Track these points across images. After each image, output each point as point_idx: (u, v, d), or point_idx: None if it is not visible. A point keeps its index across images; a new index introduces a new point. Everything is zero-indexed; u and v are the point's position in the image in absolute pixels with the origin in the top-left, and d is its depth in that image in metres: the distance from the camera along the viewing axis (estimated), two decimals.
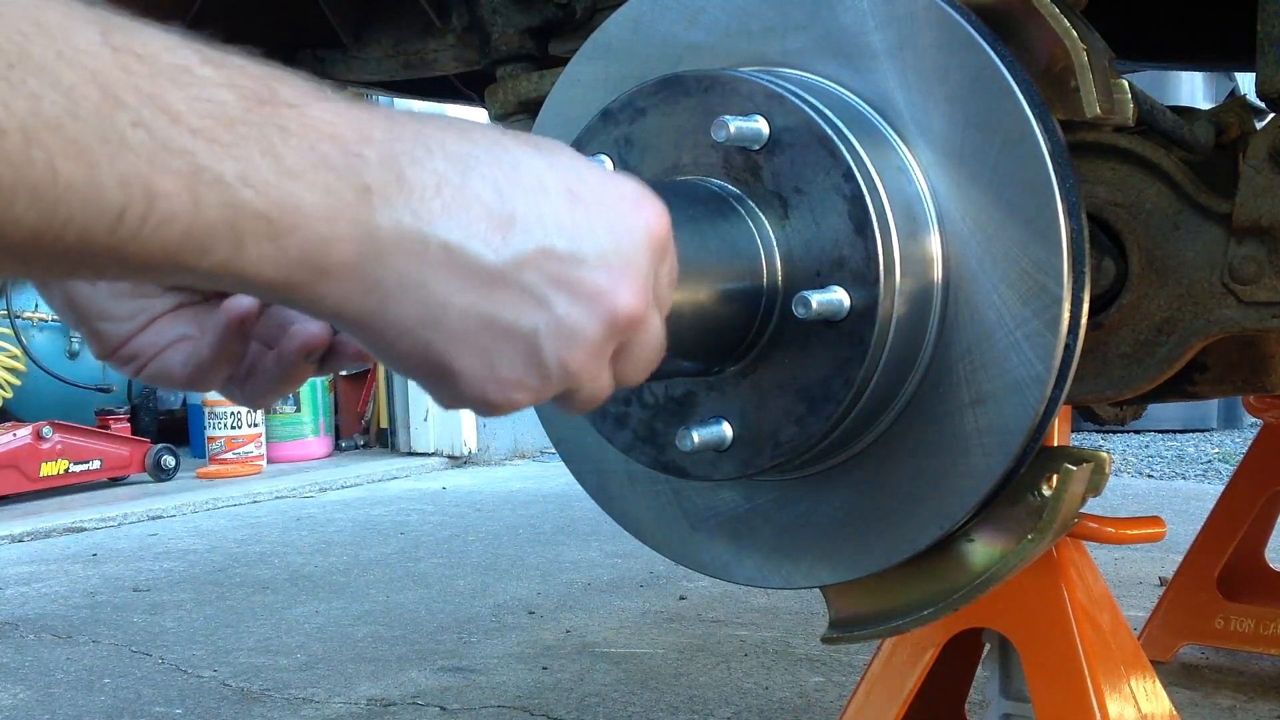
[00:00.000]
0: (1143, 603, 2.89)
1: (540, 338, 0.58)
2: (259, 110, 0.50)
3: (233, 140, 0.49)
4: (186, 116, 0.48)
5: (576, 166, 0.60)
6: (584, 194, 0.59)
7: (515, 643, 2.91)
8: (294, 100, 0.52)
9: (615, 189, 0.61)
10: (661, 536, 1.09)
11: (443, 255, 0.55)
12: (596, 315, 0.59)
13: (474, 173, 0.56)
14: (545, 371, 0.60)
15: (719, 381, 0.92)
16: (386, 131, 0.54)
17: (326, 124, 0.52)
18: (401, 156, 0.54)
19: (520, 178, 0.57)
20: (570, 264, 0.58)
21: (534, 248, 0.57)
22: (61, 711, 2.56)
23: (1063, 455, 0.94)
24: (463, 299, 0.56)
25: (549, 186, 0.58)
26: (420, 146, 0.55)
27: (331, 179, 0.52)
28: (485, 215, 0.56)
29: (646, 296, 0.61)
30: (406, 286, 0.55)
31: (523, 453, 6.54)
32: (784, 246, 0.88)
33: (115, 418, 5.97)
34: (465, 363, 0.58)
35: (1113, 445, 5.89)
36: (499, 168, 0.57)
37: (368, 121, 0.54)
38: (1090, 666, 1.21)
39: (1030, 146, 0.86)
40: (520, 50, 1.52)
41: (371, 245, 0.53)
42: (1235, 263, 1.13)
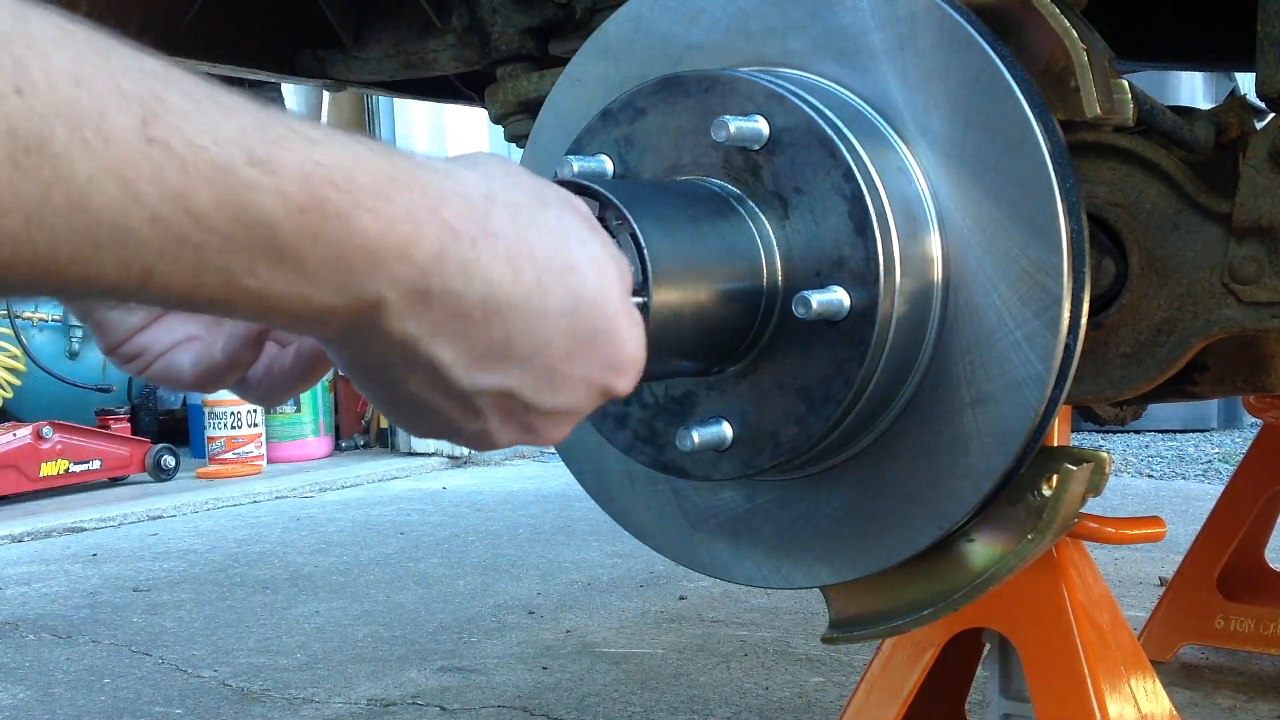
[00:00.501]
0: (1143, 603, 2.89)
1: (464, 434, 0.63)
2: (297, 218, 0.48)
3: (253, 241, 0.48)
4: (211, 217, 0.46)
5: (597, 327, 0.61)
6: (579, 355, 0.61)
7: (515, 643, 2.91)
8: (342, 209, 0.50)
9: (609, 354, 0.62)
10: (661, 536, 1.09)
11: (426, 365, 0.57)
12: (517, 440, 0.64)
13: (498, 315, 0.57)
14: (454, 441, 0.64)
15: (719, 381, 0.92)
16: (434, 252, 0.53)
17: (367, 237, 0.51)
18: (436, 282, 0.54)
19: (534, 330, 0.58)
20: (525, 409, 0.61)
21: (502, 388, 0.60)
22: (61, 711, 2.56)
23: (1063, 455, 0.94)
24: (420, 390, 0.59)
25: (554, 346, 0.60)
26: (463, 275, 0.54)
27: (347, 289, 0.51)
28: (483, 350, 0.57)
29: (570, 428, 0.65)
30: (379, 366, 0.58)
31: (523, 453, 6.54)
32: (784, 246, 0.88)
33: (115, 418, 5.97)
34: (396, 414, 0.62)
35: (1113, 445, 5.89)
36: (525, 314, 0.58)
37: (419, 235, 0.52)
38: (1090, 666, 1.21)
39: (1030, 146, 0.86)
40: (520, 50, 1.52)
41: (366, 336, 0.55)
42: (1235, 263, 1.13)
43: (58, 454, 5.39)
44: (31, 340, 6.10)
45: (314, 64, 1.81)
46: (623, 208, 0.79)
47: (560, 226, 0.60)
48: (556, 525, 4.42)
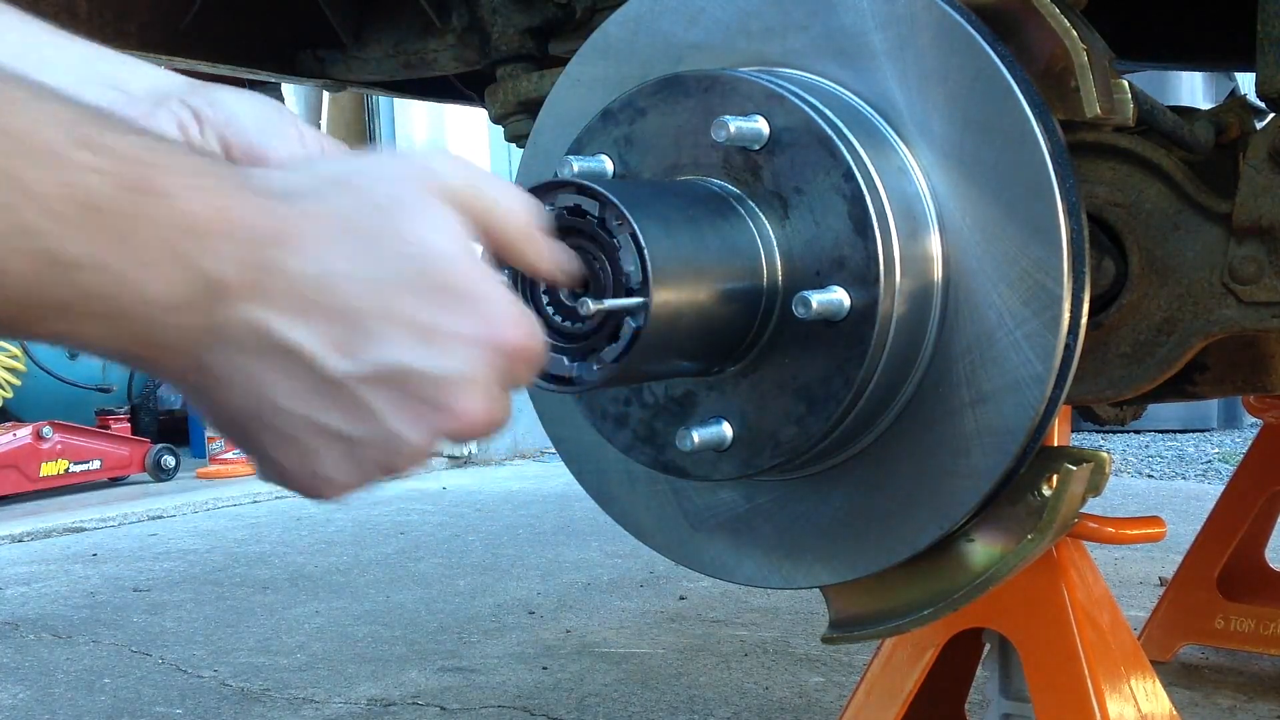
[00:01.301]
0: (1143, 603, 2.89)
1: (365, 447, 0.58)
2: (126, 197, 0.49)
3: (91, 225, 0.48)
4: (47, 199, 0.47)
5: (447, 277, 0.59)
6: (440, 309, 0.58)
7: (515, 643, 2.91)
8: (165, 189, 0.51)
9: (475, 304, 0.59)
10: (661, 536, 1.09)
11: (282, 357, 0.55)
12: (427, 429, 0.59)
13: (331, 283, 0.55)
14: (365, 473, 0.60)
15: (719, 381, 0.92)
16: (251, 227, 0.53)
17: (191, 215, 0.51)
18: (261, 256, 0.53)
19: (379, 291, 0.56)
20: (409, 381, 0.58)
21: (375, 366, 0.57)
22: (61, 711, 2.56)
23: (1063, 455, 0.94)
24: (293, 401, 0.56)
25: (406, 303, 0.57)
26: (284, 248, 0.54)
27: (181, 271, 0.51)
28: (333, 326, 0.55)
29: (489, 404, 0.61)
30: (238, 378, 0.55)
31: (523, 453, 6.54)
32: (784, 246, 0.88)
33: (115, 418, 5.97)
34: (284, 457, 0.58)
35: (1113, 445, 5.89)
36: (362, 274, 0.56)
37: (236, 212, 0.53)
38: (1090, 666, 1.21)
39: (1030, 146, 0.86)
40: (520, 50, 1.52)
41: (210, 336, 0.53)
42: (1235, 263, 1.13)
43: (58, 454, 5.39)
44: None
45: (314, 64, 1.81)
46: (622, 208, 0.79)
47: (382, 193, 0.59)
48: (556, 525, 4.42)
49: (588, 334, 0.82)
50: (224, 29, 1.72)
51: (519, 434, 6.55)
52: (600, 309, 0.80)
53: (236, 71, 1.80)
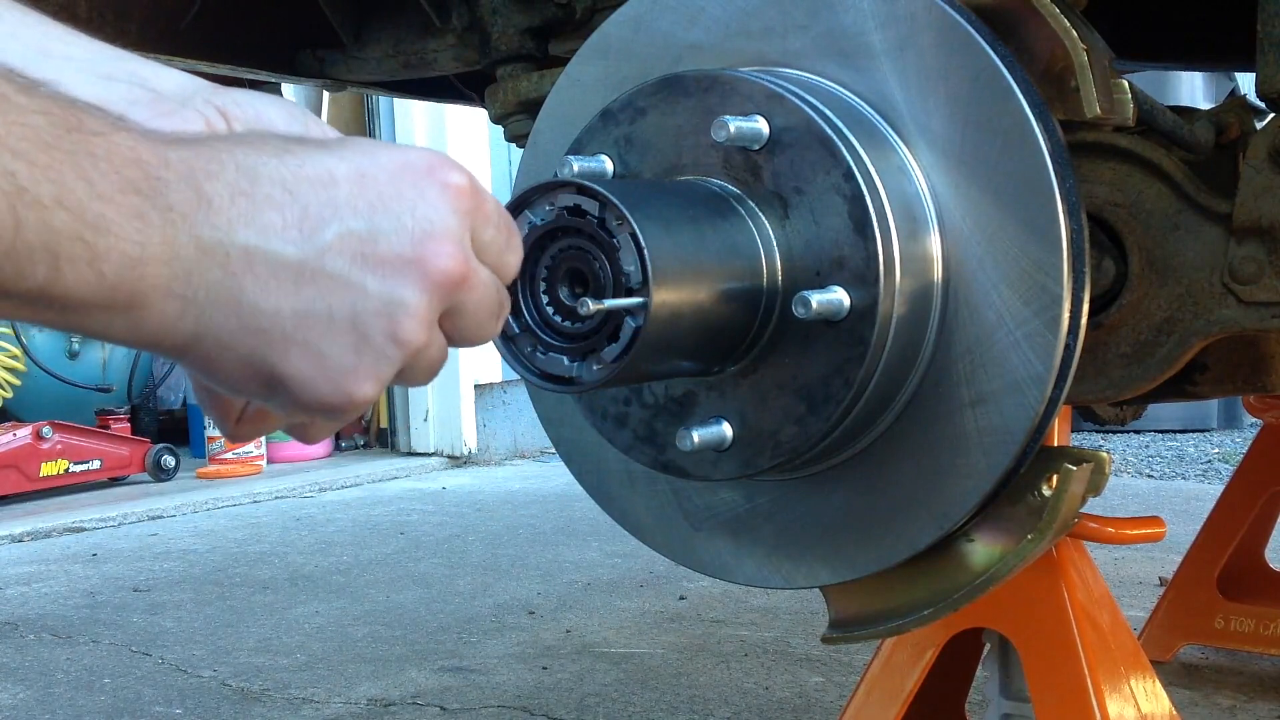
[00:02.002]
0: (1143, 603, 2.89)
1: (361, 318, 0.59)
2: (69, 136, 0.51)
3: (49, 163, 0.50)
4: (6, 139, 0.49)
5: (363, 152, 0.61)
6: (373, 173, 0.60)
7: (515, 643, 2.91)
8: (98, 128, 0.53)
9: (402, 160, 0.62)
10: (661, 536, 1.09)
11: (245, 260, 0.56)
12: (410, 281, 0.60)
13: (263, 178, 0.57)
14: (376, 351, 0.60)
15: (719, 381, 0.92)
16: (182, 152, 0.56)
17: (129, 149, 0.53)
18: (198, 173, 0.55)
19: (307, 173, 0.58)
20: (370, 241, 0.59)
21: (332, 235, 0.58)
22: (61, 711, 2.56)
23: (1063, 455, 0.94)
24: (274, 300, 0.57)
25: (338, 175, 0.59)
26: (213, 162, 0.56)
27: (138, 201, 0.53)
28: (279, 214, 0.57)
29: (462, 254, 0.62)
30: (218, 299, 0.56)
31: (523, 453, 6.54)
32: (784, 246, 0.88)
33: (115, 418, 5.97)
34: (294, 364, 0.59)
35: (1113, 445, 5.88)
36: (285, 169, 0.58)
37: (165, 144, 0.55)
38: (1090, 666, 1.21)
39: (1030, 146, 0.86)
40: (520, 50, 1.52)
41: (180, 263, 0.55)
42: (1235, 263, 1.13)
43: (58, 454, 5.39)
44: (31, 340, 6.10)
45: (314, 64, 1.81)
46: (622, 208, 0.79)
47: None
48: (556, 525, 4.42)
49: (588, 334, 0.82)
50: (224, 29, 1.72)
51: (519, 434, 6.55)
52: (600, 309, 0.80)
53: (236, 71, 1.80)
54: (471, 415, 6.33)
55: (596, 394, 0.98)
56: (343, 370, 0.59)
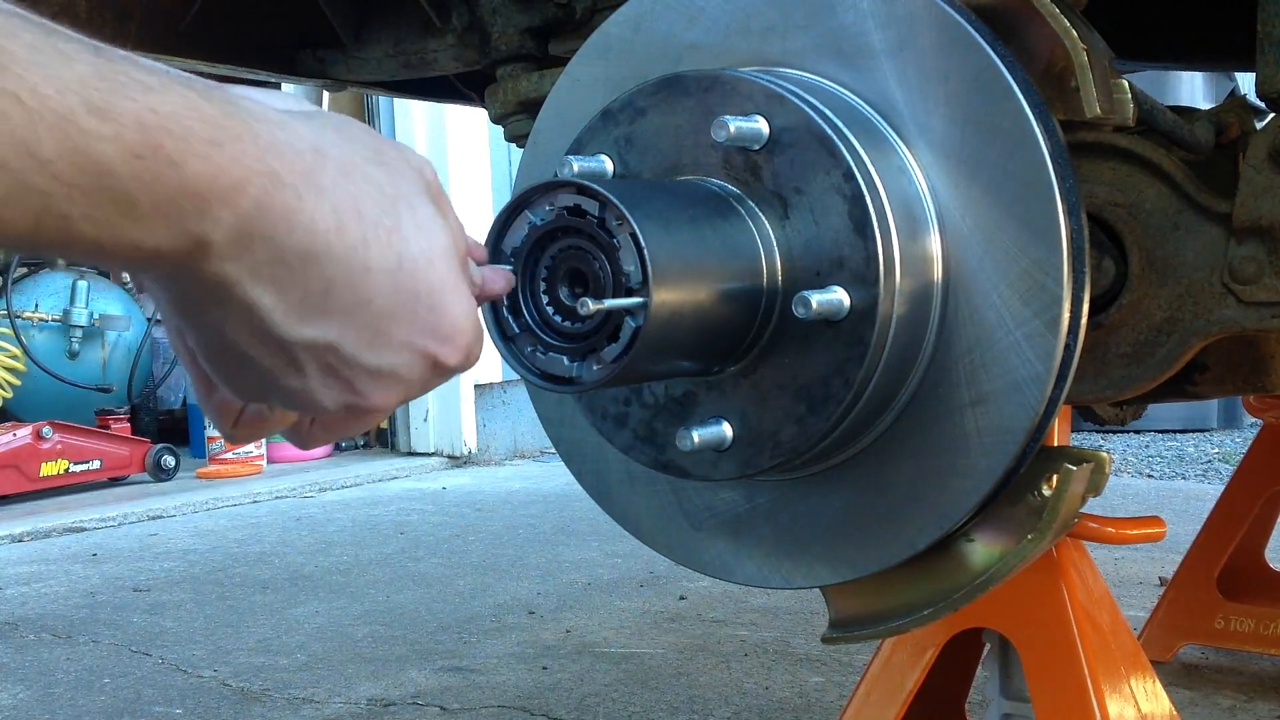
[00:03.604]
0: (1143, 603, 2.89)
1: (283, 391, 0.62)
2: (133, 164, 0.51)
3: (93, 189, 0.50)
4: (54, 164, 0.49)
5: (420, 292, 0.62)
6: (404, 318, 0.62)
7: (515, 643, 2.91)
8: (175, 156, 0.52)
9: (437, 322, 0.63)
10: (661, 536, 1.09)
11: (243, 310, 0.58)
12: (340, 402, 0.63)
13: (317, 265, 0.58)
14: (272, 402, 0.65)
15: (719, 381, 0.92)
16: (258, 198, 0.55)
17: (197, 180, 0.53)
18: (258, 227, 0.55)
19: (355, 284, 0.59)
20: (347, 364, 0.61)
21: (323, 341, 0.60)
22: (61, 711, 2.56)
23: (1063, 455, 0.94)
24: (239, 339, 0.59)
25: (376, 304, 0.60)
26: (284, 222, 0.56)
27: (174, 230, 0.53)
28: (301, 300, 0.58)
29: (398, 401, 0.65)
30: (198, 307, 0.58)
31: (523, 453, 6.54)
32: (784, 246, 0.88)
33: (115, 418, 5.96)
34: (216, 370, 0.63)
35: (1113, 445, 5.88)
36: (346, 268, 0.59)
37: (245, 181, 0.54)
38: (1090, 666, 1.21)
39: (1030, 146, 0.86)
40: (520, 50, 1.52)
41: (185, 276, 0.56)
42: (1235, 263, 1.13)
43: (58, 454, 5.39)
44: (31, 340, 6.10)
45: (314, 64, 1.81)
46: (622, 208, 0.79)
47: (393, 188, 0.62)
48: (556, 525, 4.42)
49: (587, 334, 0.82)
50: (224, 29, 1.72)
51: (519, 434, 6.55)
52: (600, 309, 0.80)
53: (236, 71, 1.79)
54: (471, 415, 6.33)
55: (596, 394, 0.98)
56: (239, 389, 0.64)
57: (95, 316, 6.27)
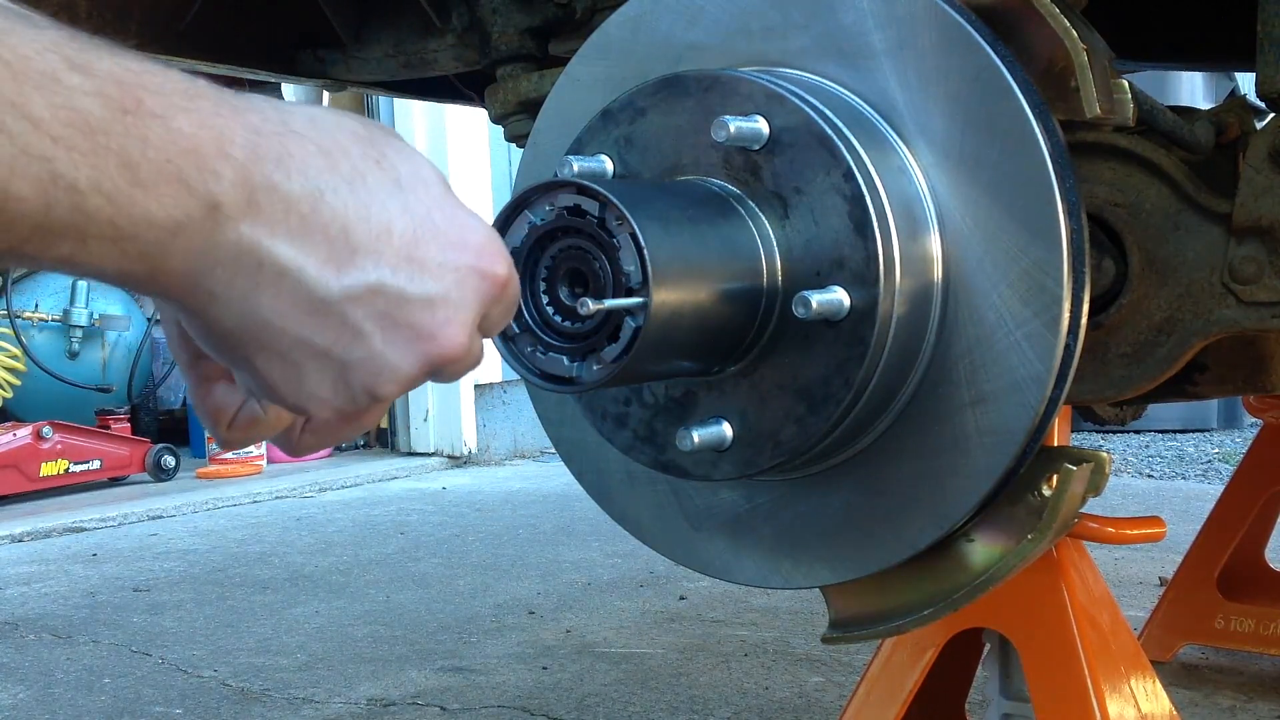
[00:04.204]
0: (1143, 603, 2.89)
1: (351, 368, 0.60)
2: (122, 120, 0.51)
3: (91, 149, 0.50)
4: (48, 124, 0.49)
5: (430, 209, 0.61)
6: (427, 238, 0.60)
7: (515, 643, 2.91)
8: (159, 110, 0.52)
9: (460, 235, 0.61)
10: (661, 536, 1.09)
11: (275, 277, 0.56)
12: (412, 354, 0.61)
13: (325, 203, 0.57)
14: (350, 396, 0.61)
15: (719, 381, 0.92)
16: (247, 148, 0.54)
17: (187, 137, 0.53)
18: (257, 176, 0.55)
19: (369, 215, 0.58)
20: (398, 303, 0.59)
21: (365, 285, 0.58)
22: (61, 711, 2.56)
23: (1063, 455, 0.94)
24: (285, 320, 0.57)
25: (396, 227, 0.59)
26: (280, 168, 0.55)
27: (182, 193, 0.52)
28: (326, 246, 0.57)
29: (468, 339, 0.62)
30: (233, 297, 0.56)
31: (523, 453, 6.54)
32: (784, 246, 0.88)
33: (115, 418, 5.97)
34: (274, 373, 0.59)
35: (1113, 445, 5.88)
36: (352, 201, 0.57)
37: (230, 134, 0.54)
38: (1090, 666, 1.21)
39: (1030, 146, 0.86)
40: (520, 50, 1.52)
41: (209, 258, 0.54)
42: (1235, 263, 1.13)
43: (58, 454, 5.39)
44: (31, 340, 6.10)
45: (314, 64, 1.81)
46: (622, 208, 0.79)
47: (364, 131, 0.61)
48: (556, 525, 4.42)
49: (588, 334, 0.82)
50: (224, 29, 1.72)
51: (519, 434, 6.55)
52: (600, 309, 0.80)
53: (236, 71, 1.79)
54: (471, 415, 6.33)
55: (596, 394, 0.98)
56: (311, 395, 0.60)
57: (95, 316, 6.27)
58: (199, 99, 0.54)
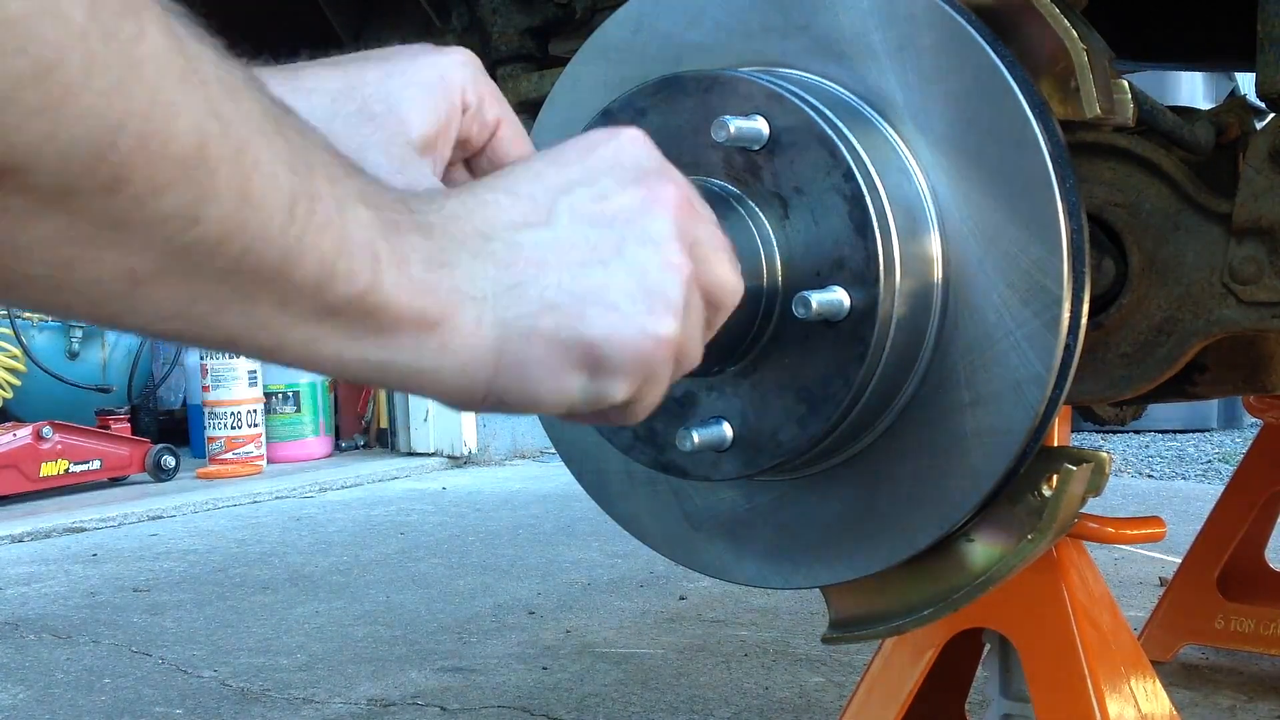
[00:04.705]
0: (1143, 603, 2.89)
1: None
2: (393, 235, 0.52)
3: None
4: None
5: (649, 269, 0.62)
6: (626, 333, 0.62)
7: (515, 643, 2.91)
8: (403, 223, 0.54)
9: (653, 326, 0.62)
10: (661, 537, 1.09)
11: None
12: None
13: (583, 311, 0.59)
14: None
15: (719, 381, 0.92)
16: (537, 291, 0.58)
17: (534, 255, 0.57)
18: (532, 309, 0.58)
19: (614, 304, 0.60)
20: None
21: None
22: (61, 711, 2.56)
23: (1063, 455, 0.94)
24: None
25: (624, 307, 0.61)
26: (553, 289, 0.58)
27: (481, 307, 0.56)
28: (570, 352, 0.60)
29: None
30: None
31: (523, 453, 6.54)
32: (784, 246, 0.88)
33: (115, 418, 5.97)
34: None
35: (1113, 445, 5.89)
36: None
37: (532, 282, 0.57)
38: (1090, 666, 1.21)
39: (1030, 146, 0.86)
40: (520, 50, 1.52)
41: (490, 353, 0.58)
42: (1235, 263, 1.13)
43: (58, 454, 5.39)
44: (31, 340, 6.10)
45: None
46: None
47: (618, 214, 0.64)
48: (556, 525, 4.42)
49: None
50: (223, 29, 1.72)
51: (519, 434, 6.55)
52: None
53: None
54: (471, 415, 6.33)
55: None
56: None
57: None
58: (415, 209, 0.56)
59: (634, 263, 0.60)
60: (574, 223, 0.59)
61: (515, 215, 0.58)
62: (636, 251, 0.61)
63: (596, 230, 0.60)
